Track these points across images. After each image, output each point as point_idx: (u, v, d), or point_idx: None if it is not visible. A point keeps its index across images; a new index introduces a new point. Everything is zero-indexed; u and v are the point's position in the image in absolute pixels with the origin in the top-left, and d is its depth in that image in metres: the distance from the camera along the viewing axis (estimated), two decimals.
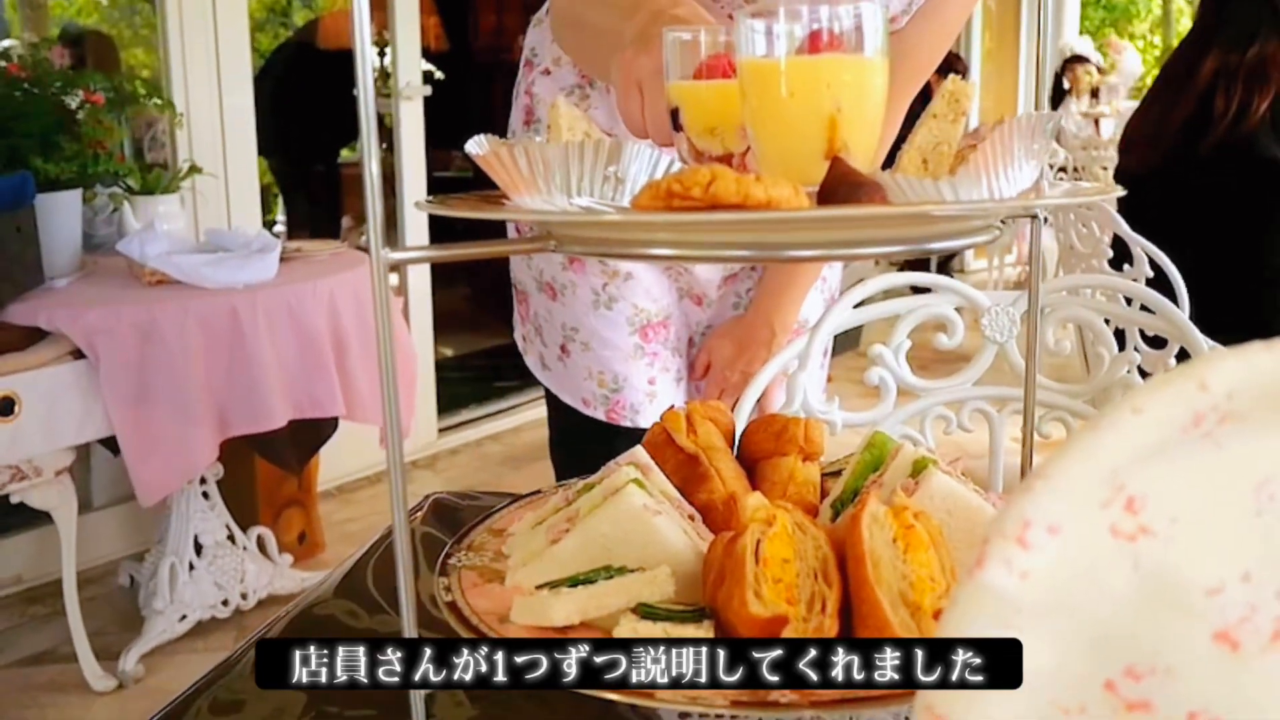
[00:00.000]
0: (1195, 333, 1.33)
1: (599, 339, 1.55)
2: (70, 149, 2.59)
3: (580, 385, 1.58)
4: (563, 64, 1.48)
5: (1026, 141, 0.69)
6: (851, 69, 0.67)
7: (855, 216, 0.58)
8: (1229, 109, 2.33)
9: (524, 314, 1.64)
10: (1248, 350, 0.44)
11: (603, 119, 1.45)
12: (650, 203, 0.60)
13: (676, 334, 1.60)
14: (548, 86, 1.49)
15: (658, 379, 1.57)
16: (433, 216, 4.25)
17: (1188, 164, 2.42)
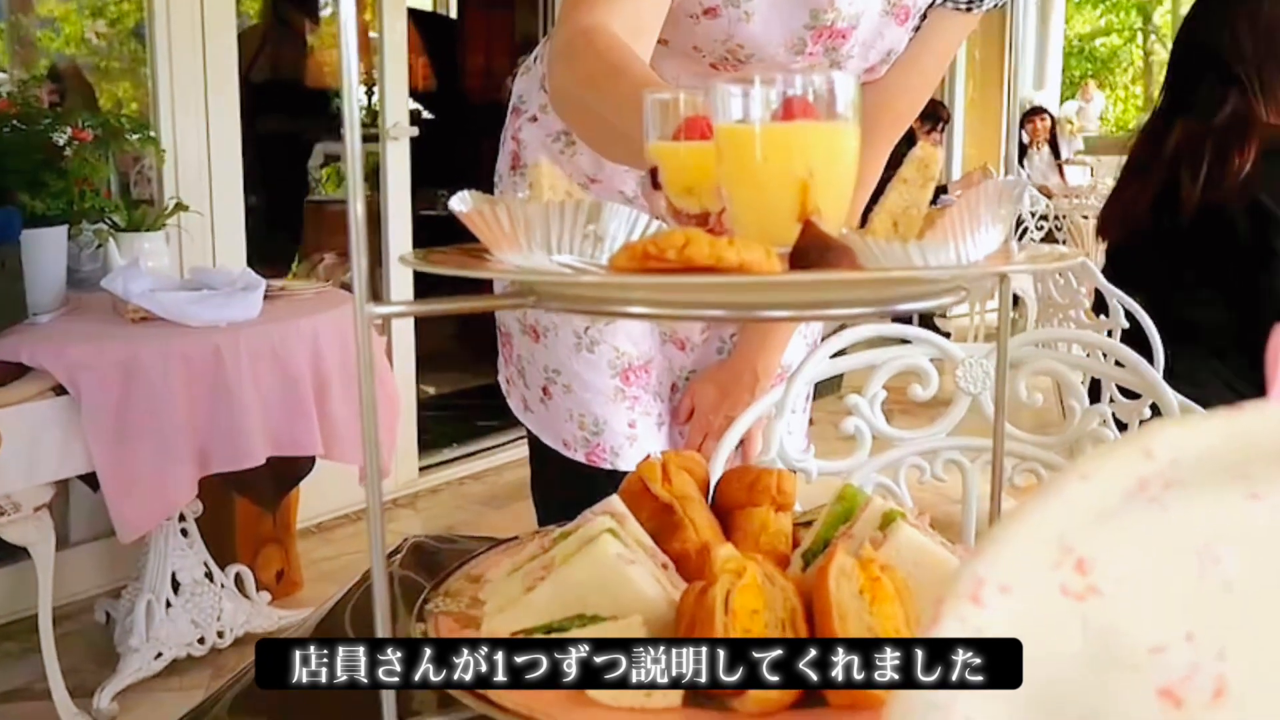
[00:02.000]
0: (1165, 388, 1.36)
1: (580, 381, 1.56)
2: (57, 186, 2.61)
3: (561, 427, 1.59)
4: (549, 110, 1.51)
5: (993, 206, 0.72)
6: (824, 135, 0.70)
7: (825, 281, 0.60)
8: (1198, 177, 2.34)
9: (507, 356, 1.65)
10: (1191, 419, 0.46)
11: (587, 165, 1.49)
12: (627, 263, 0.63)
13: (658, 378, 1.61)
14: (534, 133, 1.54)
15: (638, 422, 1.58)
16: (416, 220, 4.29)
17: (1168, 236, 2.44)
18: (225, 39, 3.58)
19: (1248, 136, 2.33)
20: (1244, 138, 2.33)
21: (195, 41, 3.46)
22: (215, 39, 3.52)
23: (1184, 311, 2.44)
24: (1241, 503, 0.46)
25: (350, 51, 0.65)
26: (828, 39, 1.37)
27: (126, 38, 3.98)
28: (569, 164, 1.51)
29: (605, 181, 1.49)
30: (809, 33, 1.36)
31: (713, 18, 1.33)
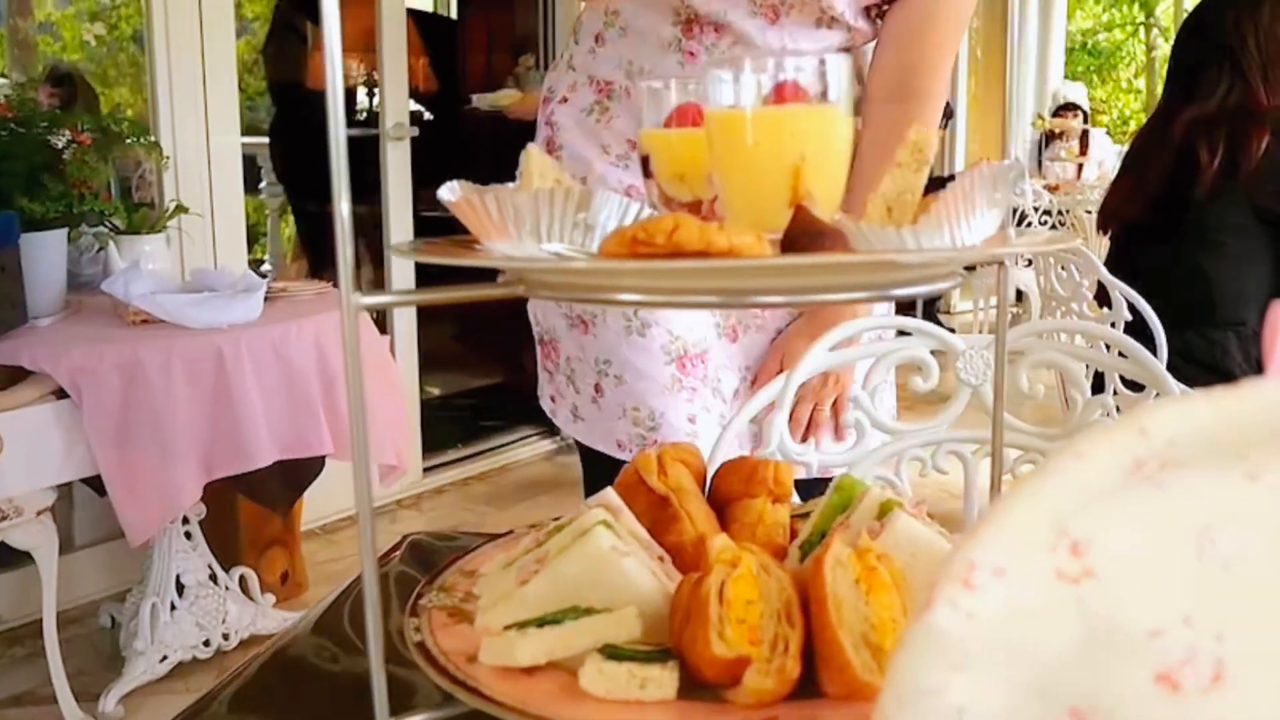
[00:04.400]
0: (1168, 378, 1.35)
1: (633, 370, 1.51)
2: (56, 189, 2.60)
3: (614, 426, 1.53)
4: (578, 89, 1.56)
5: (988, 191, 0.71)
6: (815, 119, 0.69)
7: (816, 265, 0.60)
8: (1215, 157, 2.38)
9: (553, 366, 1.61)
10: (1188, 399, 0.46)
11: (625, 127, 1.51)
12: (616, 249, 0.62)
13: (715, 372, 1.54)
14: (567, 113, 1.57)
15: (699, 418, 1.51)
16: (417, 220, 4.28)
17: (1183, 214, 2.46)
18: (224, 41, 3.57)
19: (1261, 120, 2.37)
20: (1259, 121, 2.37)
21: (194, 44, 3.46)
22: (214, 41, 3.51)
23: (1199, 285, 2.45)
24: (1239, 483, 0.46)
25: (334, 45, 0.64)
26: None
27: (125, 41, 3.98)
28: (606, 131, 1.53)
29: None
30: None
31: None
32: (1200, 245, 2.45)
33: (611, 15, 1.52)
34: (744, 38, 1.44)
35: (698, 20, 1.45)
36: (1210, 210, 2.42)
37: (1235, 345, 2.45)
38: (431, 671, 0.70)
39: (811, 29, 1.46)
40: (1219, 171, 2.38)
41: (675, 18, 1.46)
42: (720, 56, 1.43)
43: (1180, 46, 2.64)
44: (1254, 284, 2.45)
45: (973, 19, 8.41)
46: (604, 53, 1.54)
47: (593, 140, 1.54)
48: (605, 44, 1.54)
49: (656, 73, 1.46)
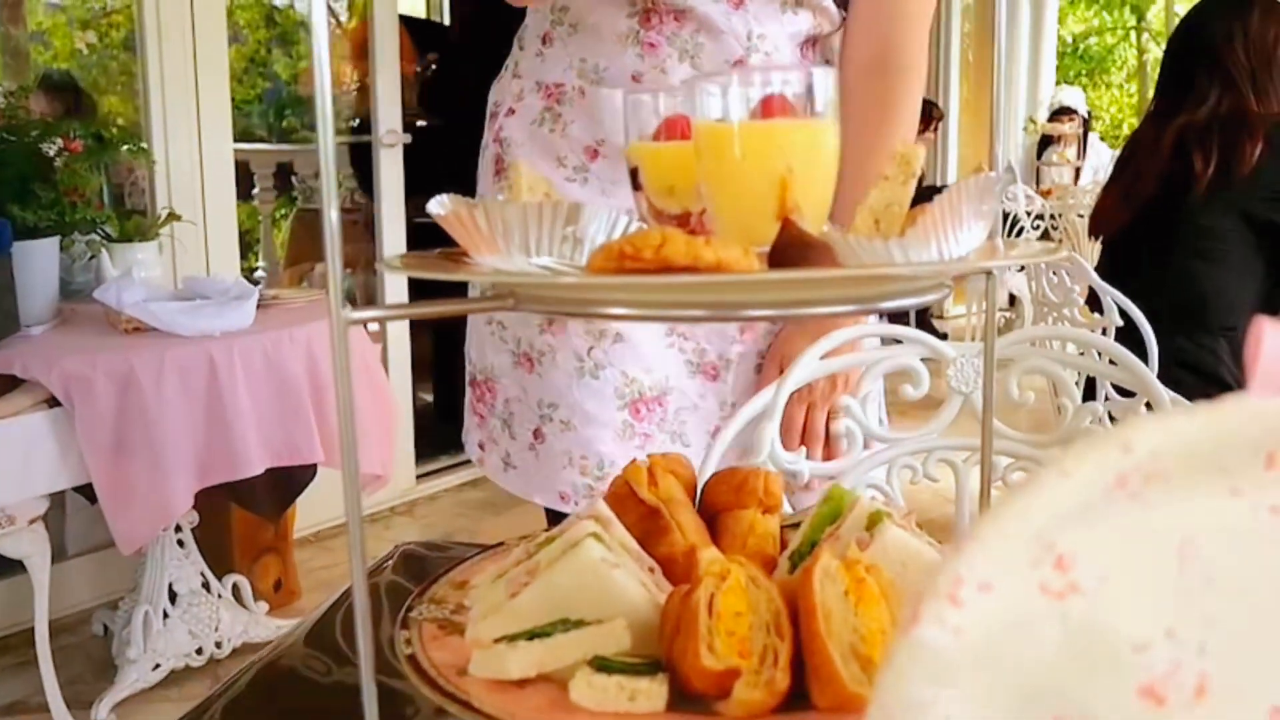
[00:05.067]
0: (1158, 385, 1.35)
1: (582, 414, 1.40)
2: (47, 197, 2.60)
3: (557, 476, 1.43)
4: (525, 97, 1.46)
5: (975, 203, 0.71)
6: (803, 132, 0.69)
7: (804, 279, 0.60)
8: (1209, 165, 2.40)
9: (485, 409, 1.52)
10: (1171, 414, 0.46)
11: (581, 133, 1.42)
12: (604, 264, 0.62)
13: (675, 415, 1.44)
14: (516, 125, 1.47)
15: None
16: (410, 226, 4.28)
17: (1177, 218, 2.48)
18: (216, 48, 3.57)
19: (1253, 127, 2.39)
20: (1251, 128, 2.39)
21: (186, 50, 3.46)
22: (206, 48, 3.52)
23: (1191, 290, 2.47)
24: (1222, 497, 0.46)
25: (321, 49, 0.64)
26: None
27: (116, 48, 3.98)
28: (561, 141, 1.43)
29: (609, 140, 1.40)
30: None
31: None
32: (1191, 252, 2.46)
33: (559, 12, 1.43)
34: (707, 24, 1.36)
35: (656, 9, 1.37)
36: (1202, 217, 2.44)
37: (1226, 351, 2.46)
38: (422, 685, 0.70)
39: (777, 12, 1.39)
40: (1212, 179, 2.40)
41: (631, 8, 1.37)
42: (683, 46, 1.37)
43: (1170, 53, 2.66)
44: (1245, 290, 2.47)
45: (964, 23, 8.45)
46: (552, 54, 1.44)
47: (546, 152, 1.44)
48: (553, 44, 1.45)
49: (614, 69, 1.39)
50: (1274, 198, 2.41)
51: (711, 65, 1.38)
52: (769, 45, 1.39)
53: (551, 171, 1.42)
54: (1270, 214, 2.41)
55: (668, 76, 1.37)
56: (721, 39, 1.37)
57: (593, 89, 1.41)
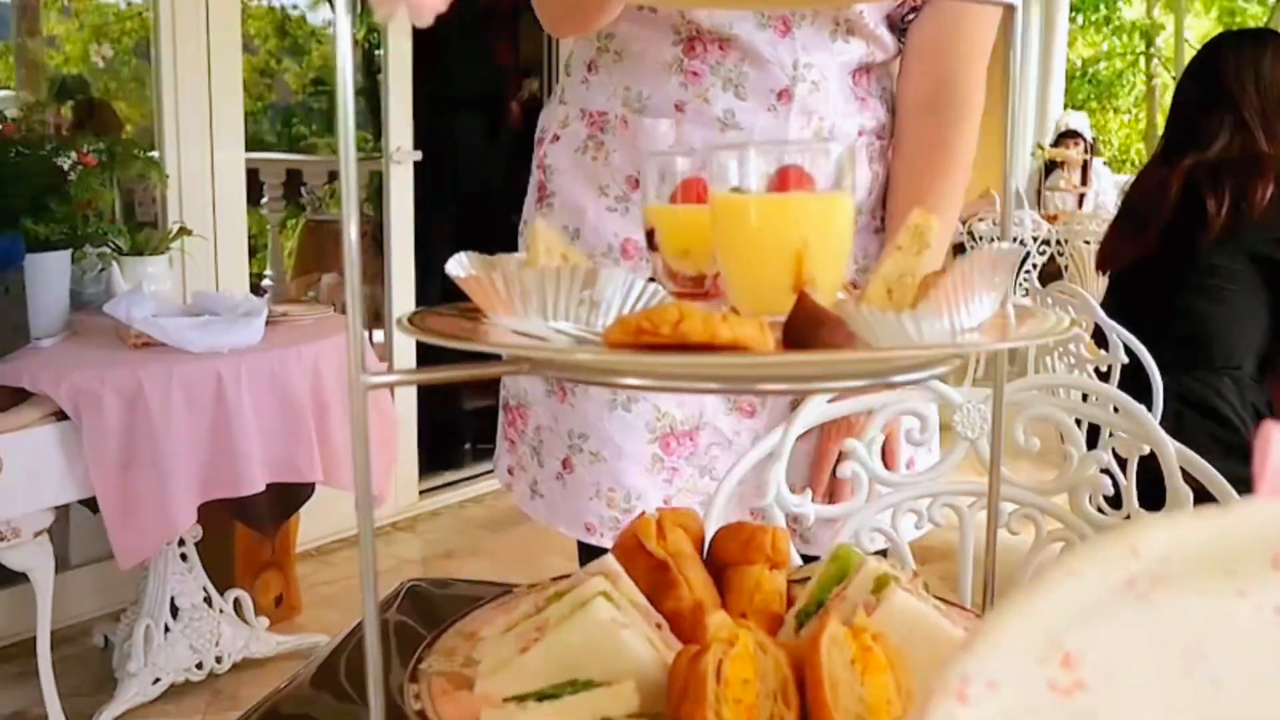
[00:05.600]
0: (1161, 434, 1.36)
1: (612, 446, 1.40)
2: (60, 211, 2.62)
3: (584, 508, 1.43)
4: (570, 123, 1.47)
5: (988, 274, 0.72)
6: (818, 207, 0.70)
7: (818, 362, 0.61)
8: (1221, 207, 2.41)
9: (516, 434, 1.52)
10: (1178, 517, 0.47)
11: (623, 162, 1.42)
12: (621, 337, 0.63)
13: (706, 450, 1.43)
14: (560, 152, 1.47)
15: (675, 500, 1.41)
16: (419, 280, 4.29)
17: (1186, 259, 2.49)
18: (230, 57, 3.59)
19: (1264, 169, 2.40)
20: (1261, 170, 2.40)
21: (200, 58, 3.48)
22: (220, 57, 3.53)
23: (1196, 328, 2.48)
24: (1229, 600, 0.47)
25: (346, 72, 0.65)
26: None
27: (129, 55, 4.00)
28: (604, 169, 1.43)
29: (638, 169, 1.38)
30: None
31: None
32: (1198, 290, 2.47)
33: (605, 39, 1.42)
34: (752, 53, 1.34)
35: (700, 37, 1.35)
36: (1210, 257, 2.45)
37: (1231, 390, 2.47)
38: None
39: (827, 41, 1.36)
40: (1223, 221, 2.41)
41: (676, 36, 1.36)
42: (726, 75, 1.36)
43: (1182, 90, 2.67)
44: (1250, 329, 2.48)
45: None
46: (597, 81, 1.44)
47: (589, 181, 1.44)
48: (599, 71, 1.44)
49: (657, 98, 1.39)
50: None
51: (755, 95, 1.36)
52: (815, 74, 1.36)
53: (593, 200, 1.44)
54: (1277, 255, 2.42)
55: (710, 106, 1.36)
56: (766, 68, 1.35)
57: (635, 118, 1.40)
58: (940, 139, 1.42)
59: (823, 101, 1.38)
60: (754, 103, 1.36)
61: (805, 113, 1.37)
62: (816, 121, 1.38)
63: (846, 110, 1.41)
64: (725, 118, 1.37)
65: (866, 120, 1.43)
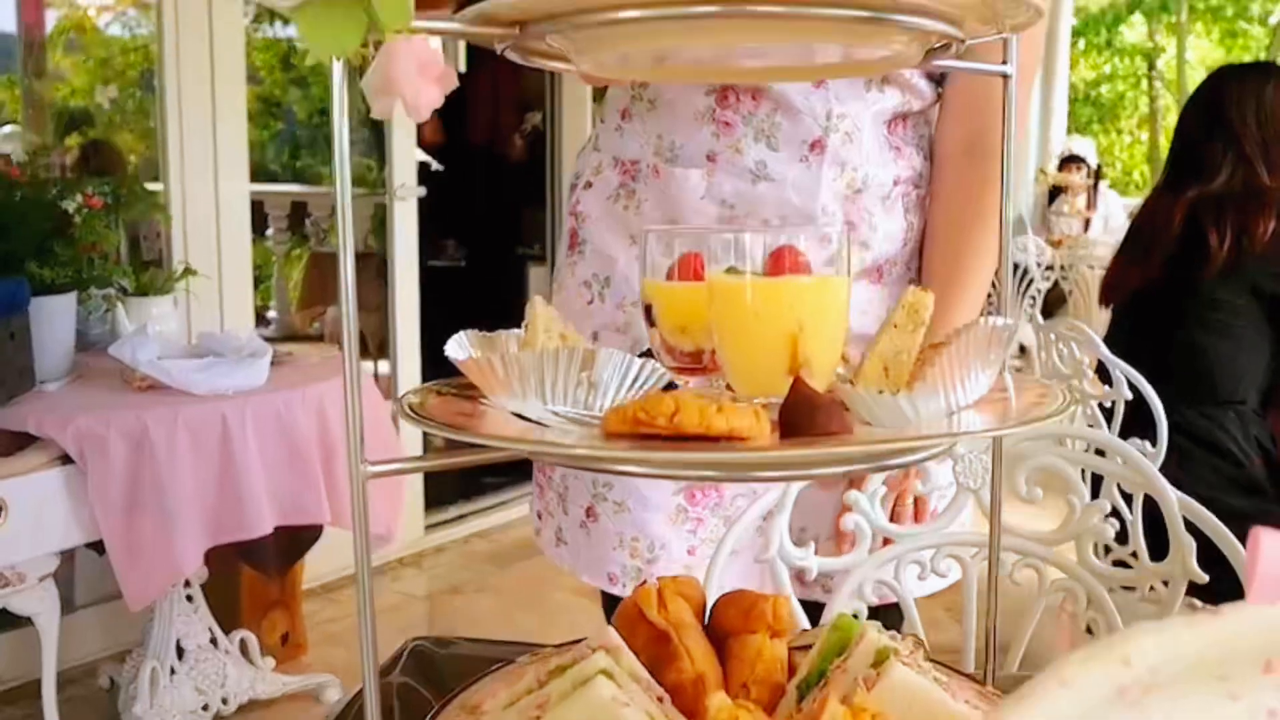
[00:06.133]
0: (1162, 482, 1.36)
1: (637, 496, 1.40)
2: (65, 254, 2.63)
3: (606, 557, 1.44)
4: (603, 171, 1.48)
5: (983, 352, 0.73)
6: (813, 290, 0.71)
7: (814, 453, 0.61)
8: (1224, 241, 2.42)
9: (544, 480, 1.53)
10: (1168, 625, 0.47)
11: (654, 212, 1.42)
12: (618, 427, 0.64)
13: (731, 500, 1.43)
14: (592, 199, 1.48)
15: (699, 550, 1.41)
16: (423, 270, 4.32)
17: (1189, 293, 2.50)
18: (235, 89, 3.60)
19: (1266, 203, 2.41)
20: (1263, 204, 2.41)
21: (205, 90, 3.49)
22: (224, 89, 3.54)
23: (1199, 362, 2.48)
24: (1220, 702, 0.47)
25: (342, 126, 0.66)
26: None
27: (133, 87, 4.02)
28: (636, 219, 1.43)
29: (681, 220, 1.38)
30: None
31: None
32: (1201, 324, 2.48)
33: (639, 87, 1.42)
34: (784, 103, 1.34)
35: (733, 87, 1.34)
36: (1213, 291, 2.45)
37: (1235, 423, 2.47)
38: None
39: (861, 91, 1.35)
40: (1226, 255, 2.42)
41: (709, 85, 1.35)
42: (759, 126, 1.35)
43: (1184, 122, 2.68)
44: (1253, 363, 2.48)
45: None
46: (631, 129, 1.45)
47: (620, 229, 1.45)
48: (632, 119, 1.44)
49: (689, 147, 1.38)
50: None
51: (788, 146, 1.35)
52: (849, 125, 1.36)
53: (622, 249, 1.44)
54: (1277, 288, 2.43)
55: (743, 157, 1.36)
56: (799, 119, 1.34)
57: (667, 168, 1.40)
58: (980, 188, 1.41)
59: (856, 152, 1.37)
60: (786, 153, 1.36)
61: (838, 164, 1.37)
62: (850, 172, 1.38)
63: (881, 160, 1.40)
64: (757, 169, 1.36)
65: (901, 169, 1.42)
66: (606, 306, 1.46)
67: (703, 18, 0.59)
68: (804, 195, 1.36)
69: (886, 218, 1.43)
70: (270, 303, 6.15)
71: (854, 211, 1.39)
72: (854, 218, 1.40)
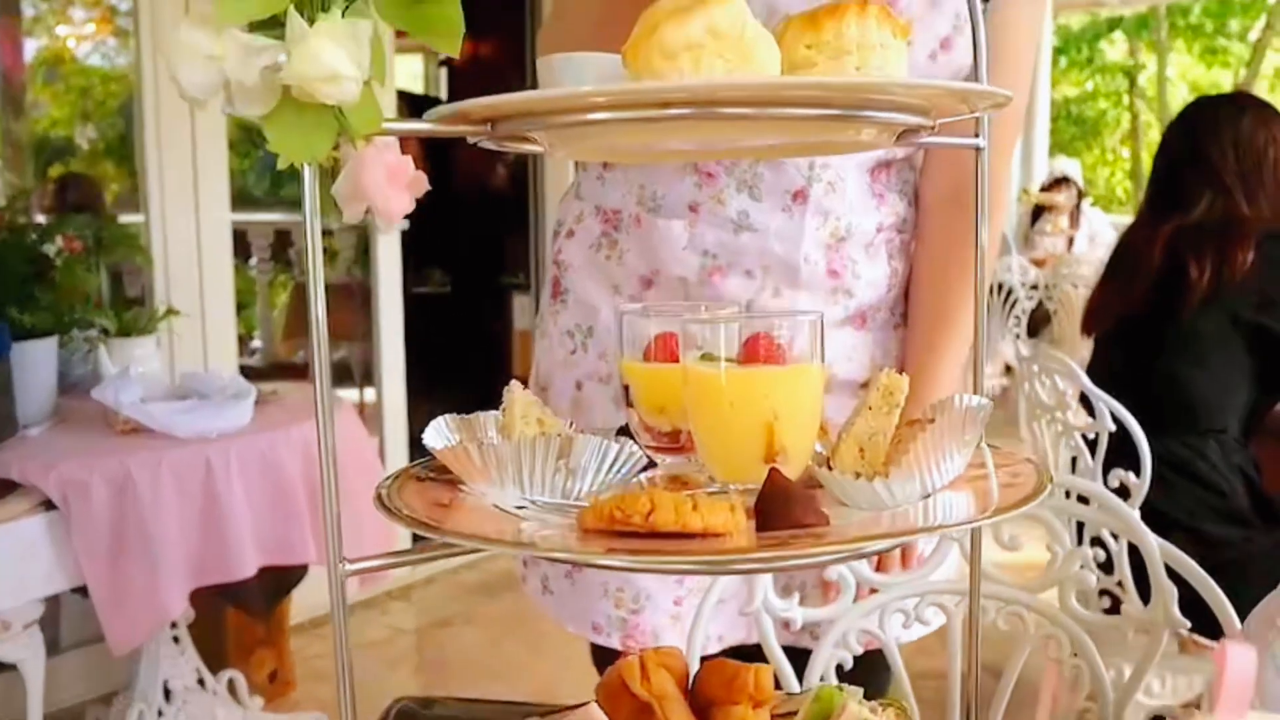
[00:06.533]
0: (1142, 530, 1.37)
1: None
2: (46, 299, 2.62)
3: (591, 607, 1.42)
4: (585, 219, 1.48)
5: (959, 433, 0.73)
6: (787, 380, 0.71)
7: (789, 555, 0.61)
8: (1203, 273, 2.43)
9: None
10: None
11: (637, 263, 1.42)
12: (595, 523, 0.64)
13: None
14: (574, 249, 1.48)
15: (685, 600, 1.40)
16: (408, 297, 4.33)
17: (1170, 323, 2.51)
18: (215, 116, 3.59)
19: (1245, 233, 2.42)
20: (1242, 234, 2.42)
21: (184, 118, 3.48)
22: (205, 122, 3.54)
23: (1181, 393, 2.49)
24: None
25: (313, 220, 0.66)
26: None
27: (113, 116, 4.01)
28: (619, 269, 1.43)
29: (664, 270, 1.40)
30: None
31: None
32: (1182, 354, 2.49)
33: None
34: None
35: None
36: (1194, 321, 2.46)
37: (1216, 452, 2.48)
38: None
39: None
40: (1206, 286, 2.43)
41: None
42: (741, 176, 1.35)
43: (1163, 153, 2.69)
44: (1234, 393, 2.49)
45: None
46: (613, 178, 1.44)
47: (602, 278, 1.45)
48: (614, 168, 1.44)
49: (671, 197, 1.38)
50: (1264, 303, 2.43)
51: (770, 196, 1.35)
52: (831, 174, 1.36)
53: (605, 300, 1.44)
54: (1259, 318, 2.44)
55: (725, 208, 1.36)
56: (781, 169, 1.34)
57: (649, 217, 1.40)
58: (965, 235, 1.39)
59: (839, 201, 1.37)
60: (769, 203, 1.35)
61: (821, 213, 1.37)
62: (833, 221, 1.38)
63: (864, 208, 1.40)
64: (739, 219, 1.36)
65: (885, 216, 1.42)
66: (589, 356, 1.46)
67: (675, 119, 0.59)
68: (787, 245, 1.36)
69: (870, 265, 1.43)
70: (255, 331, 6.13)
71: (837, 260, 1.40)
72: (837, 266, 1.40)
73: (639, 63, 0.63)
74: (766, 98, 0.60)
